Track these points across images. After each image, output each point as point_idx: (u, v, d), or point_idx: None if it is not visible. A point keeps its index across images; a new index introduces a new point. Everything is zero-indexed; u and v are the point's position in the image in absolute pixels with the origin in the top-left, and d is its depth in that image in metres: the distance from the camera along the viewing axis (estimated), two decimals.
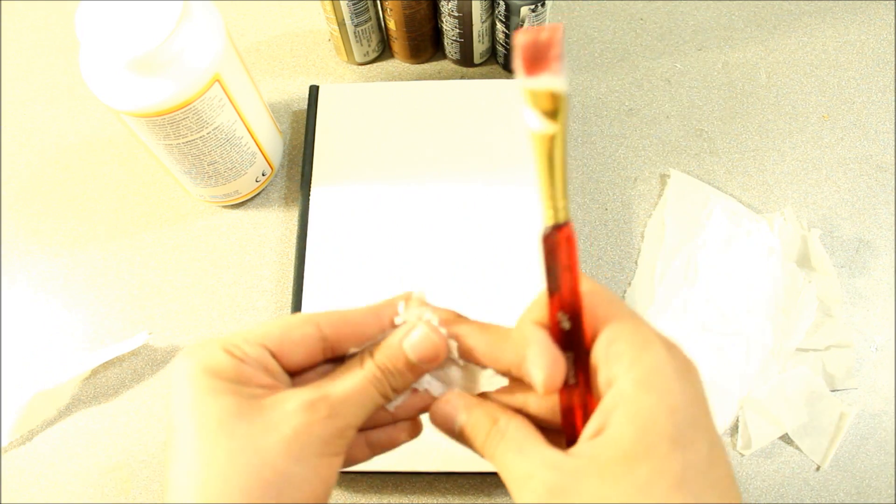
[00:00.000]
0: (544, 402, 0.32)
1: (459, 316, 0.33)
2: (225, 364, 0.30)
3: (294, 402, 0.29)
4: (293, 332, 0.31)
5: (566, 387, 0.30)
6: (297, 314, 0.33)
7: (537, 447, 0.29)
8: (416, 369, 0.32)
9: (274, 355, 0.31)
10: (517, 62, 0.24)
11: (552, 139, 0.25)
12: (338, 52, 0.59)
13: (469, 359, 0.33)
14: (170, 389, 0.31)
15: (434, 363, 0.32)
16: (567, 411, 0.30)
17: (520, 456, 0.29)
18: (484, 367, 0.33)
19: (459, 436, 0.32)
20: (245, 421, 0.29)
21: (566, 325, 0.29)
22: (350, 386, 0.31)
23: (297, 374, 0.33)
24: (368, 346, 0.32)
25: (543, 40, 0.24)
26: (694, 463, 0.26)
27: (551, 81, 0.24)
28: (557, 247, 0.28)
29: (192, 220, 0.55)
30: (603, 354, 0.29)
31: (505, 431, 0.30)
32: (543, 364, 0.29)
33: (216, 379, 0.29)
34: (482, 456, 0.31)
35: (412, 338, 0.31)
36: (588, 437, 0.28)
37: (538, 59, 0.24)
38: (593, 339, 0.29)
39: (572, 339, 0.29)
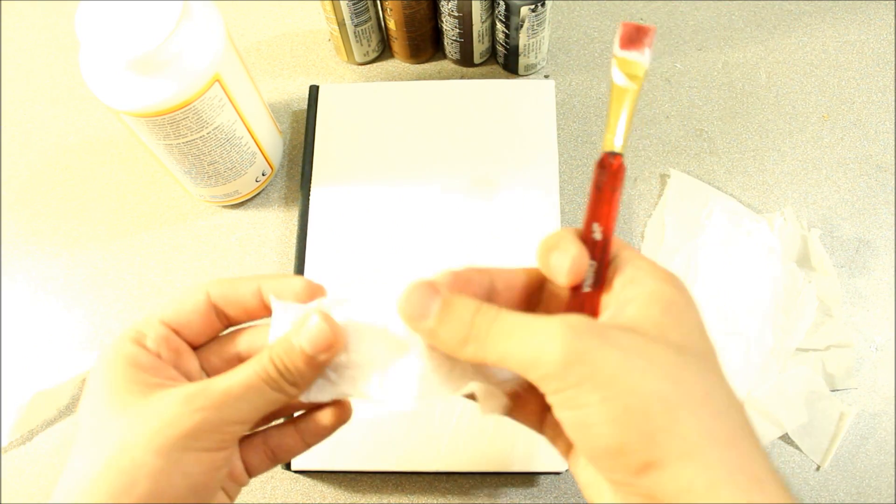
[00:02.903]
0: None
1: (477, 268, 0.32)
2: (129, 353, 0.31)
3: (174, 395, 0.29)
4: (186, 303, 0.32)
5: (580, 292, 0.31)
6: (191, 285, 0.34)
7: (546, 317, 0.27)
8: (313, 362, 0.30)
9: (176, 330, 0.32)
10: (617, 37, 0.33)
11: (626, 93, 0.33)
12: (338, 52, 0.59)
13: (499, 298, 0.32)
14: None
15: (331, 352, 0.31)
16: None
17: (529, 327, 0.27)
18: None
19: (433, 329, 0.29)
20: (125, 413, 0.29)
21: (598, 235, 0.32)
22: (236, 380, 0.30)
23: (200, 347, 0.34)
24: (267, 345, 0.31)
25: (642, 29, 0.33)
26: (714, 352, 0.28)
27: (637, 57, 0.33)
28: (607, 168, 0.32)
29: (192, 220, 0.55)
30: (623, 263, 0.30)
31: (497, 312, 0.28)
32: (571, 252, 0.30)
33: (118, 369, 0.30)
34: (465, 353, 0.28)
35: (307, 328, 0.30)
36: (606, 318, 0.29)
37: (633, 41, 0.33)
38: (613, 258, 0.31)
39: (598, 250, 0.32)
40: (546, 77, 0.58)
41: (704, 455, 0.24)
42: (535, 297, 0.33)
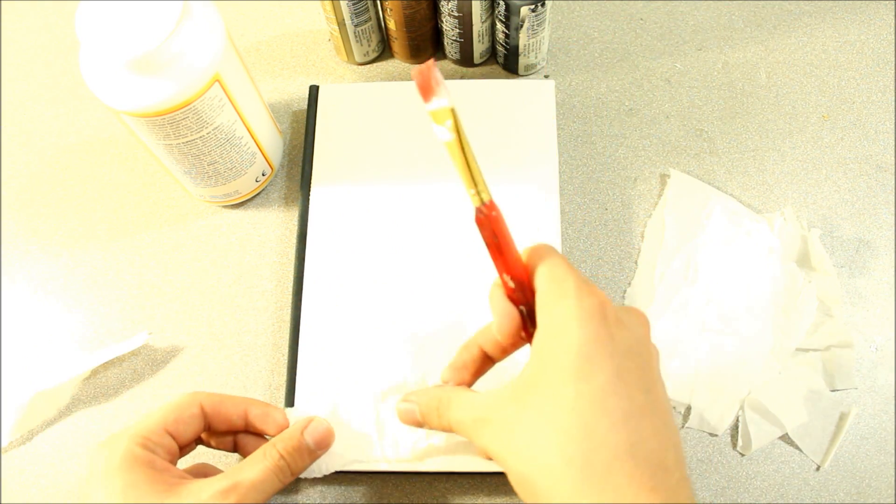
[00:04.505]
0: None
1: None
2: (142, 457, 0.36)
3: (209, 491, 0.36)
4: (184, 414, 0.39)
5: (529, 335, 0.36)
6: (183, 395, 0.40)
7: (471, 398, 0.36)
8: (313, 454, 0.42)
9: (173, 436, 0.39)
10: (418, 93, 0.33)
11: (453, 144, 0.33)
12: (338, 52, 0.59)
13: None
14: (89, 481, 0.36)
15: (326, 448, 0.43)
16: None
17: (462, 410, 0.36)
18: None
19: (422, 423, 0.40)
20: None
21: (511, 283, 0.35)
22: (256, 474, 0.38)
23: (182, 449, 0.40)
24: (271, 441, 0.40)
25: (423, 73, 0.32)
26: (586, 392, 0.31)
27: (437, 104, 0.33)
28: (483, 222, 0.34)
29: (192, 220, 0.55)
30: (536, 309, 0.34)
31: (450, 400, 0.37)
32: (494, 316, 0.36)
33: (137, 471, 0.35)
34: (443, 429, 0.39)
35: (312, 428, 0.41)
36: None
37: (427, 89, 0.33)
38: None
39: (521, 294, 0.35)
40: (546, 77, 0.58)
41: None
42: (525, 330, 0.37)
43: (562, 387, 0.31)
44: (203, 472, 0.42)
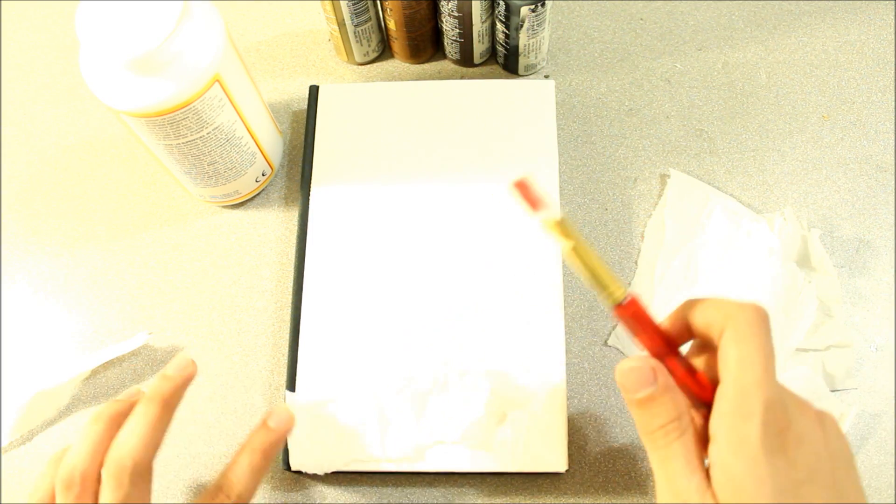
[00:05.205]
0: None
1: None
2: None
3: None
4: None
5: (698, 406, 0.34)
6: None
7: (699, 471, 0.31)
8: (283, 438, 0.43)
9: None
10: (525, 211, 0.34)
11: (576, 249, 0.34)
12: (338, 52, 0.59)
13: None
14: None
15: (290, 431, 0.43)
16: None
17: (686, 470, 0.31)
18: None
19: (637, 403, 0.33)
20: None
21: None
22: (250, 486, 0.40)
23: None
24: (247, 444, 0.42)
25: (524, 186, 0.35)
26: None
27: (545, 214, 0.34)
28: (624, 321, 0.34)
29: (192, 220, 0.55)
30: (714, 408, 0.32)
31: (683, 433, 0.32)
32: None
33: None
34: (641, 433, 0.33)
35: (276, 416, 0.42)
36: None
37: (533, 204, 0.34)
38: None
39: (694, 394, 0.34)
40: (546, 77, 0.58)
41: None
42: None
43: None
44: None
